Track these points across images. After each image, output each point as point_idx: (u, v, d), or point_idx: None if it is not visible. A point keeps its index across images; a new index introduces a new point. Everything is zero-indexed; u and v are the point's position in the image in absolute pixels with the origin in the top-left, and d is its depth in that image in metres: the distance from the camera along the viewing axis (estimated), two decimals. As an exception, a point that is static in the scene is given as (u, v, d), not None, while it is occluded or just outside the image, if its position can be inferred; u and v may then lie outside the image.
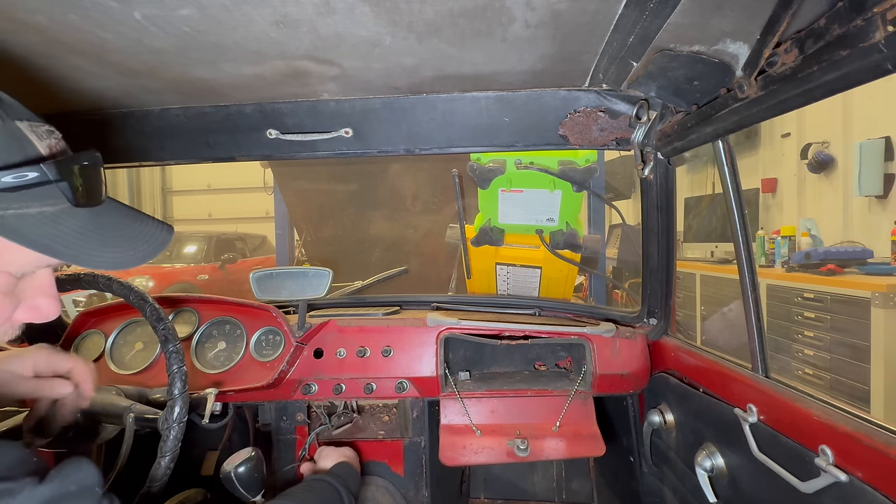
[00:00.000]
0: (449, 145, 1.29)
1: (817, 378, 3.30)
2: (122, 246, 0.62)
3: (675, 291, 1.38)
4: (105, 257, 0.59)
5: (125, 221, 0.64)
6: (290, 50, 0.91)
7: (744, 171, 5.08)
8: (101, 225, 0.60)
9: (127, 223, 0.64)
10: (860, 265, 3.29)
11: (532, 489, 2.02)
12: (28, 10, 0.75)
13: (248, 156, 1.32)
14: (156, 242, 0.66)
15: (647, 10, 0.75)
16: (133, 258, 0.62)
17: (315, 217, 3.99)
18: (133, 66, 0.97)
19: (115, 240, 0.61)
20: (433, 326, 1.43)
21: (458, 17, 0.80)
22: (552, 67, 1.03)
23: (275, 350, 1.39)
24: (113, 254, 0.60)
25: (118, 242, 0.61)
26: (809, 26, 0.65)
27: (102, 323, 1.47)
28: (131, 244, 0.63)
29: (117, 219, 0.63)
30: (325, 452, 1.33)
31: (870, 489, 0.68)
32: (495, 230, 2.00)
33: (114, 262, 0.60)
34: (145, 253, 0.64)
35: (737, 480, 1.01)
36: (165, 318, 1.04)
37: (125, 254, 0.61)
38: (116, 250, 0.61)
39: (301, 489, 1.07)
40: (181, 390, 0.97)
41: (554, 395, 1.42)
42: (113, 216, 0.63)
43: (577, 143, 1.25)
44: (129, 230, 0.64)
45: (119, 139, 1.28)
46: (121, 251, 0.61)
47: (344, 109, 1.22)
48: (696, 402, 1.18)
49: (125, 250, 0.62)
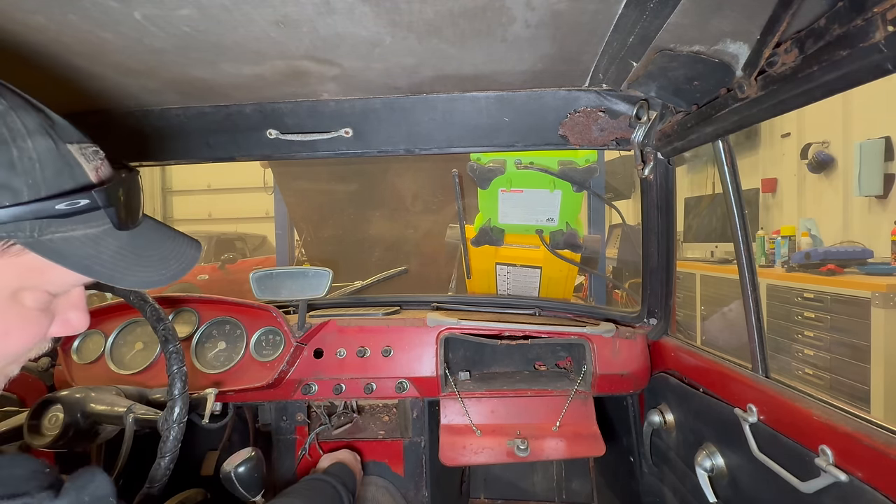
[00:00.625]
0: (449, 145, 1.29)
1: (817, 378, 3.30)
2: (156, 265, 0.63)
3: (675, 291, 1.38)
4: (140, 276, 0.61)
5: (158, 240, 0.66)
6: (290, 50, 0.91)
7: (744, 171, 5.09)
8: (137, 245, 0.62)
9: (160, 241, 0.66)
10: (860, 265, 3.29)
11: (532, 489, 2.02)
12: (28, 10, 0.75)
13: (248, 156, 1.32)
14: (186, 261, 0.67)
15: (647, 10, 0.75)
16: (164, 277, 0.64)
17: (315, 217, 3.99)
18: (133, 66, 0.97)
19: (148, 259, 0.63)
20: (433, 326, 1.43)
21: (458, 17, 0.80)
22: (552, 67, 1.03)
23: (275, 350, 1.39)
24: (147, 273, 0.62)
25: (151, 262, 0.63)
26: (809, 26, 0.65)
27: (102, 323, 1.47)
28: (164, 263, 0.64)
29: (151, 237, 0.65)
30: (322, 459, 1.36)
31: (870, 489, 0.68)
32: (495, 230, 2.00)
33: (147, 282, 0.61)
34: (176, 272, 0.65)
35: (737, 480, 1.01)
36: (166, 319, 1.04)
37: (158, 272, 0.63)
38: (150, 269, 0.62)
39: (300, 488, 1.07)
40: (181, 391, 0.97)
41: (554, 395, 1.42)
42: (148, 235, 0.64)
43: (577, 143, 1.25)
44: (162, 248, 0.65)
45: (119, 139, 1.28)
46: (154, 270, 0.63)
47: (344, 109, 1.22)
48: (696, 402, 1.18)
49: (158, 269, 0.63)
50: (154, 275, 0.62)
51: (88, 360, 1.40)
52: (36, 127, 0.51)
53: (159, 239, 0.66)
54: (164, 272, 0.64)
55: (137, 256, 0.61)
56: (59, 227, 0.53)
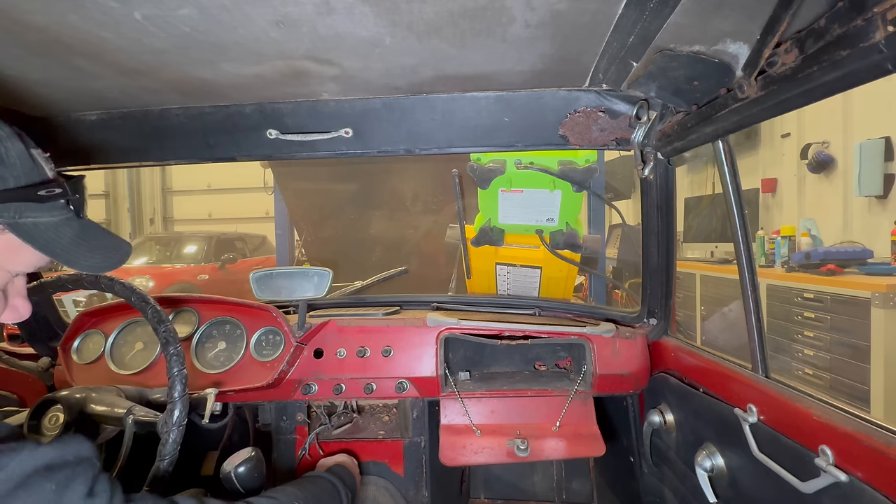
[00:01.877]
0: (449, 145, 1.29)
1: (817, 378, 3.30)
2: (102, 254, 0.75)
3: (675, 291, 1.38)
4: (91, 262, 0.73)
5: (101, 234, 0.77)
6: (290, 50, 0.91)
7: (744, 171, 5.08)
8: (88, 236, 0.73)
9: (102, 235, 0.77)
10: (860, 265, 3.28)
11: (532, 489, 2.02)
12: (28, 10, 0.75)
13: (248, 156, 1.32)
14: (123, 252, 0.79)
15: (647, 10, 0.75)
16: (110, 264, 0.76)
17: (315, 217, 3.99)
18: (133, 66, 0.97)
19: (96, 248, 0.74)
20: (433, 326, 1.43)
21: (458, 17, 0.80)
22: (552, 67, 1.03)
23: (275, 350, 1.39)
24: (96, 259, 0.74)
25: (99, 251, 0.75)
26: (809, 26, 0.65)
27: (102, 323, 1.47)
28: (108, 253, 0.76)
29: (95, 232, 0.76)
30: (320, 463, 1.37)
31: (870, 489, 0.68)
32: (495, 230, 2.00)
33: (97, 267, 0.74)
34: (117, 261, 0.78)
35: (737, 480, 1.01)
36: (167, 321, 1.03)
37: (105, 260, 0.75)
38: (98, 257, 0.74)
39: (299, 482, 1.08)
40: (181, 393, 0.97)
41: (554, 395, 1.42)
42: (93, 229, 0.76)
43: (577, 143, 1.25)
44: (104, 240, 0.77)
45: (119, 139, 1.28)
46: (101, 258, 0.74)
47: (344, 109, 1.22)
48: (696, 402, 1.18)
49: (104, 258, 0.75)
50: (102, 261, 0.74)
51: (88, 360, 1.40)
52: (9, 134, 0.62)
53: (101, 234, 0.77)
54: (109, 260, 0.76)
55: (88, 244, 0.72)
56: (31, 212, 0.64)
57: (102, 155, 1.31)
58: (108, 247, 0.77)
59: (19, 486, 0.55)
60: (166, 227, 11.70)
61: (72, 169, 1.33)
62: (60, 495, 0.58)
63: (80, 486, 0.60)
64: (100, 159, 1.32)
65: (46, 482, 0.57)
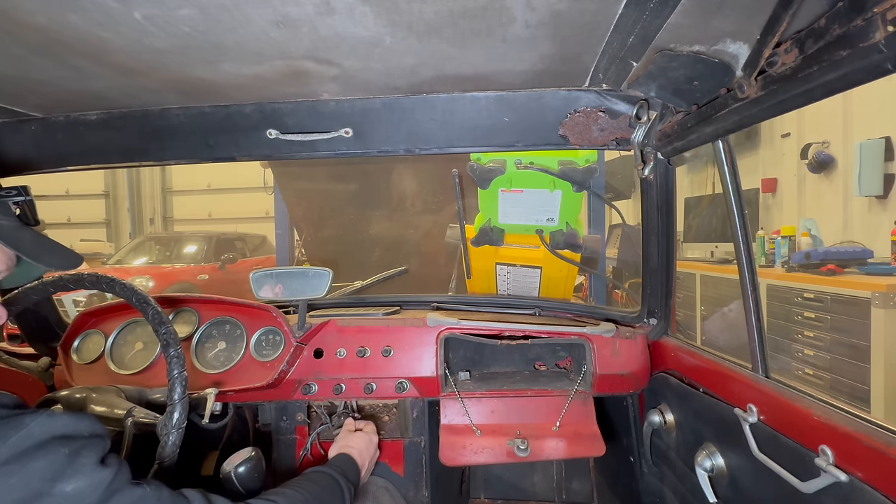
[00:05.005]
0: (449, 145, 1.28)
1: (817, 378, 3.29)
2: (60, 255, 0.84)
3: (675, 291, 1.38)
4: (54, 261, 0.82)
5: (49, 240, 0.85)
6: (290, 50, 0.91)
7: (744, 171, 5.09)
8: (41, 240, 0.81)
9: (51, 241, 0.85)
10: (860, 265, 3.28)
11: (532, 489, 2.02)
12: (28, 10, 0.75)
13: (248, 156, 1.32)
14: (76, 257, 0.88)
15: (647, 10, 0.75)
16: (68, 264, 0.86)
17: (315, 217, 3.99)
18: (133, 66, 0.97)
19: (54, 250, 0.83)
20: (433, 326, 1.43)
21: (458, 17, 0.80)
22: (552, 67, 1.03)
23: (275, 350, 1.39)
24: (57, 259, 0.83)
25: (57, 252, 0.84)
26: (809, 26, 0.65)
27: (102, 323, 1.47)
28: (65, 255, 0.86)
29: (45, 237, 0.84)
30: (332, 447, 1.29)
31: (870, 489, 0.68)
32: (495, 230, 2.00)
33: (60, 266, 0.84)
34: (74, 263, 0.87)
35: (737, 480, 1.01)
36: (167, 322, 1.03)
37: (64, 261, 0.84)
38: (58, 257, 0.83)
39: (299, 481, 1.07)
40: (181, 395, 0.97)
41: (554, 395, 1.42)
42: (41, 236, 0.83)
43: (577, 143, 1.25)
44: (57, 246, 0.86)
45: (119, 139, 1.28)
46: (60, 259, 0.83)
47: (344, 109, 1.22)
48: (696, 402, 1.18)
49: (63, 259, 0.84)
50: (63, 262, 0.84)
51: (88, 360, 1.40)
52: None
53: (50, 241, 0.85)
54: (68, 262, 0.86)
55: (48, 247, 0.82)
56: None
57: (102, 155, 1.31)
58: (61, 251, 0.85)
59: (38, 447, 0.61)
60: (166, 227, 11.69)
61: (72, 169, 1.33)
62: (73, 460, 0.63)
63: (92, 454, 0.65)
64: (100, 159, 1.32)
65: (62, 447, 0.63)
